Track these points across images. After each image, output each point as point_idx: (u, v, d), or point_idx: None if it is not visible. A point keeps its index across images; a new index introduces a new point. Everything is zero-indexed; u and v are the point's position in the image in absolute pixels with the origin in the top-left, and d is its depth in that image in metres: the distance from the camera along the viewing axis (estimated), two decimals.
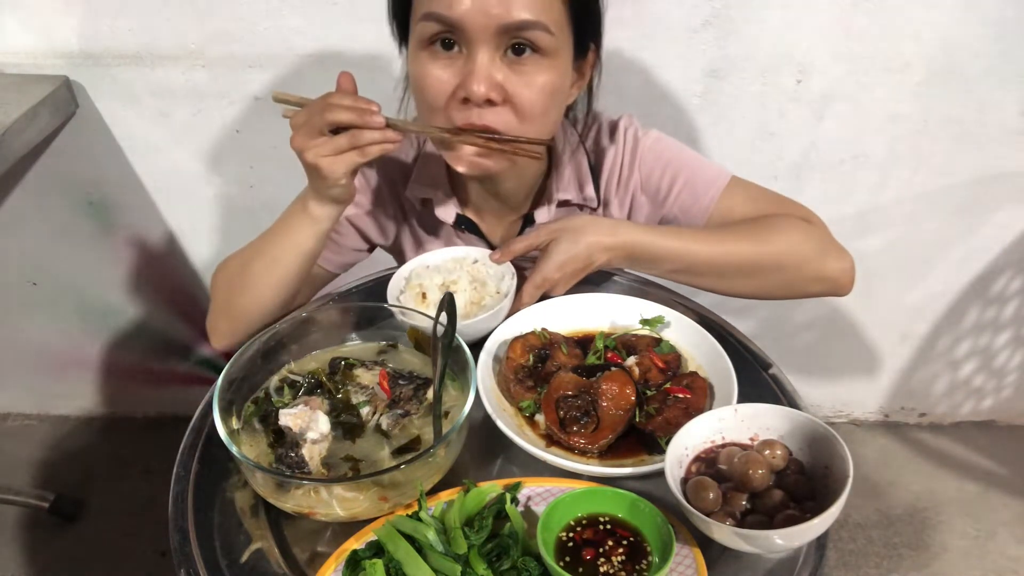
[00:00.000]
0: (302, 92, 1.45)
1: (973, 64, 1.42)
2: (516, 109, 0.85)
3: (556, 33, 0.82)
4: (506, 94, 0.83)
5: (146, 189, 1.63)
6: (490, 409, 0.80)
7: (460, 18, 0.79)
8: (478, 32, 0.80)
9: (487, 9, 0.78)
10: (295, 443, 0.74)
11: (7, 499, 1.82)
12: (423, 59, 0.85)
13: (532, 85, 0.84)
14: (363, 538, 0.71)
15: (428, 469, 0.72)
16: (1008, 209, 1.64)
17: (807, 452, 0.73)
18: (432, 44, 0.83)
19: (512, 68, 0.83)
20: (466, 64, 0.82)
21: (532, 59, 0.83)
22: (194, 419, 0.86)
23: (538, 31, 0.80)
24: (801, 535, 0.65)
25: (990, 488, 1.91)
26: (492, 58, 0.82)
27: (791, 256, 0.95)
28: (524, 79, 0.83)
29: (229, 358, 0.79)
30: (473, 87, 0.81)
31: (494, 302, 0.96)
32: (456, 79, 0.83)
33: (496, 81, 0.82)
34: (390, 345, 0.91)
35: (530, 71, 0.83)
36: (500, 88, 0.83)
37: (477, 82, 0.81)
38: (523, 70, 0.83)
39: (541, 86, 0.84)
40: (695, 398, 0.83)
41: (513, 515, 0.70)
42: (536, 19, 0.80)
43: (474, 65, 0.81)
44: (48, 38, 1.42)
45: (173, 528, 0.74)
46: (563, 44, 0.84)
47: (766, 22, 1.38)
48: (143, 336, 1.92)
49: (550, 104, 0.87)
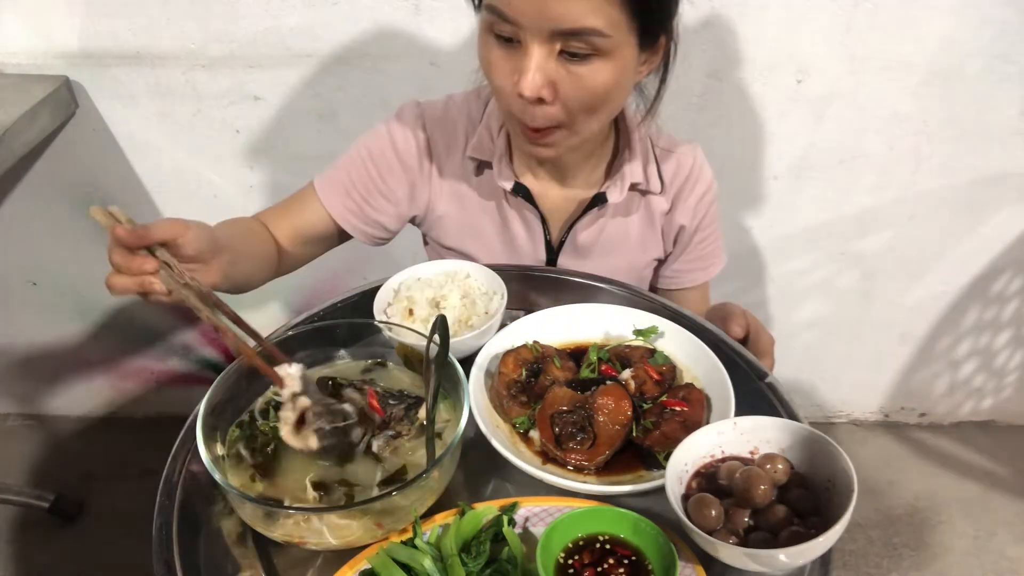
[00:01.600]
0: (301, 92, 1.47)
1: (973, 64, 1.42)
2: (568, 108, 0.86)
3: (612, 34, 0.81)
4: (559, 93, 0.84)
5: (146, 189, 1.63)
6: (484, 427, 0.79)
7: (516, 18, 0.80)
8: (533, 33, 0.80)
9: (541, 14, 0.78)
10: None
11: (7, 499, 1.81)
12: (488, 42, 0.85)
13: (585, 86, 0.84)
14: (356, 566, 0.69)
15: (422, 493, 0.70)
16: (1008, 209, 1.64)
17: (809, 465, 0.72)
18: (494, 31, 0.84)
19: (566, 67, 0.83)
20: (522, 59, 0.82)
21: (587, 60, 0.83)
22: (176, 444, 0.82)
23: (592, 36, 0.80)
24: (808, 553, 0.64)
25: (990, 488, 1.91)
26: (547, 57, 0.82)
27: None
28: (578, 80, 0.83)
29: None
30: (525, 88, 0.82)
31: (481, 322, 0.94)
32: (514, 68, 0.84)
33: (549, 79, 0.83)
34: (378, 363, 0.88)
35: (584, 72, 0.83)
36: (552, 87, 0.83)
37: (528, 83, 0.82)
38: (577, 71, 0.83)
39: (594, 87, 0.84)
40: (692, 411, 0.82)
41: (511, 538, 0.68)
42: (590, 26, 0.79)
43: (528, 63, 0.82)
44: (48, 38, 1.42)
45: (157, 560, 0.71)
46: (623, 41, 0.83)
47: (766, 22, 1.38)
48: (143, 336, 1.92)
49: (604, 101, 0.88)
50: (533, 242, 1.10)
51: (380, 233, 1.11)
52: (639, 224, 1.11)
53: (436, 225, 1.12)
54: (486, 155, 1.04)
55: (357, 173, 1.06)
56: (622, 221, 1.09)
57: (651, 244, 1.13)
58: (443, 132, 1.06)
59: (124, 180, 1.61)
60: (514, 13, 0.79)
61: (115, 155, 1.57)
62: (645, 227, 1.11)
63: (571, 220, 1.08)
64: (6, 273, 1.79)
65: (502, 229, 1.10)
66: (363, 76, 1.45)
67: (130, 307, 1.85)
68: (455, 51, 1.41)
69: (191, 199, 1.64)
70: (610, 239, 1.10)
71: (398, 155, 1.06)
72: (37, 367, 1.98)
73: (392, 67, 1.43)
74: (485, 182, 1.07)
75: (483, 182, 1.07)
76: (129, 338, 1.92)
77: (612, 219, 1.09)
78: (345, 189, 1.06)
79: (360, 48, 1.41)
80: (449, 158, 1.07)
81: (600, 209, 1.06)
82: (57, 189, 1.62)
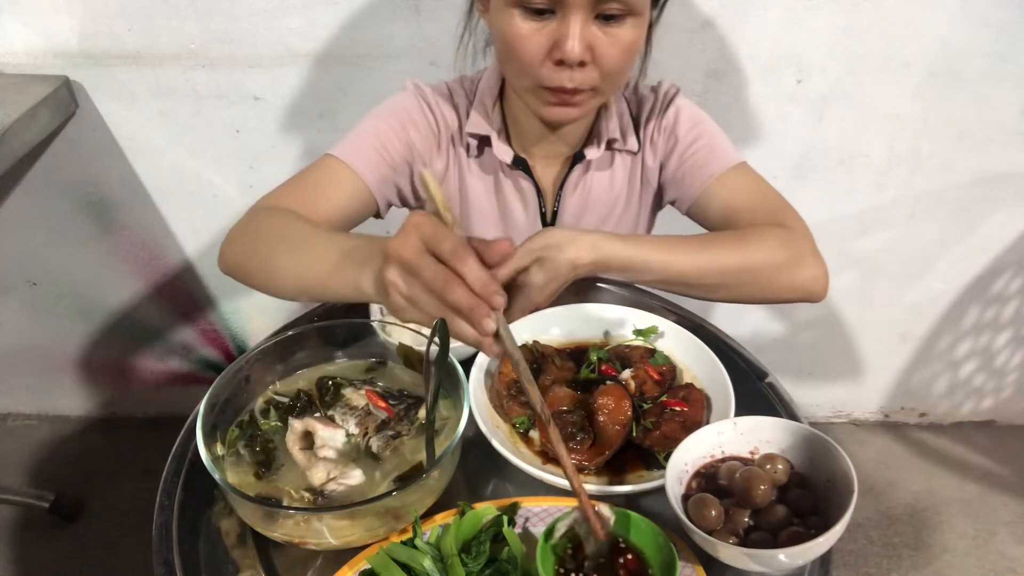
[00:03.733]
0: (301, 92, 1.47)
1: (973, 64, 1.42)
2: (602, 68, 0.89)
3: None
4: (595, 54, 0.87)
5: (146, 189, 1.63)
6: (484, 427, 0.79)
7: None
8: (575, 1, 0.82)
9: None
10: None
11: (7, 499, 1.82)
12: (515, 18, 0.86)
13: (619, 45, 0.87)
14: (356, 566, 0.69)
15: (422, 493, 0.70)
16: (1008, 209, 1.64)
17: (809, 465, 0.72)
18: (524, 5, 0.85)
19: (603, 29, 0.86)
20: (560, 27, 0.85)
21: (622, 20, 0.86)
22: (176, 444, 0.82)
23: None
24: (808, 553, 0.64)
25: (990, 488, 1.91)
26: (586, 21, 0.84)
27: (766, 267, 0.95)
28: (613, 40, 0.87)
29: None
30: (570, 51, 0.84)
31: None
32: (549, 40, 0.86)
33: (589, 43, 0.85)
34: (379, 362, 0.88)
35: (619, 32, 0.86)
36: (591, 50, 0.86)
37: (573, 46, 0.84)
38: (613, 32, 0.86)
39: (627, 46, 0.88)
40: (692, 411, 0.82)
41: (511, 538, 0.68)
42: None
43: (571, 29, 0.84)
44: (48, 38, 1.42)
45: (157, 560, 0.71)
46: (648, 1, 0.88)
47: (766, 22, 1.38)
48: (143, 336, 1.92)
49: (632, 60, 0.92)
50: (528, 215, 1.11)
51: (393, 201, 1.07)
52: (622, 182, 1.12)
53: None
54: (484, 130, 1.05)
55: (386, 138, 1.01)
56: (606, 179, 1.10)
57: (639, 200, 1.14)
58: (447, 110, 1.08)
59: (124, 180, 1.61)
60: None
61: (115, 155, 1.57)
62: (629, 184, 1.12)
63: (558, 185, 1.09)
64: (6, 273, 1.79)
65: (499, 204, 1.11)
66: (363, 76, 1.45)
67: (130, 307, 1.85)
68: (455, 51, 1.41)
69: (191, 199, 1.63)
70: (599, 201, 1.11)
71: (417, 123, 1.04)
72: (37, 367, 1.98)
73: (392, 67, 1.43)
74: (482, 159, 1.09)
75: (480, 160, 1.09)
76: (129, 338, 1.92)
77: (596, 174, 1.09)
78: (379, 155, 1.00)
79: (360, 48, 1.41)
80: (451, 136, 1.09)
81: (581, 165, 1.07)
82: (57, 189, 1.62)
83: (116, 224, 1.69)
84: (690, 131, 1.07)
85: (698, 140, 1.06)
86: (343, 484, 0.73)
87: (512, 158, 1.06)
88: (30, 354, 1.95)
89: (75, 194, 1.64)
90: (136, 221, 1.68)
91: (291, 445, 0.76)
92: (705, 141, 1.06)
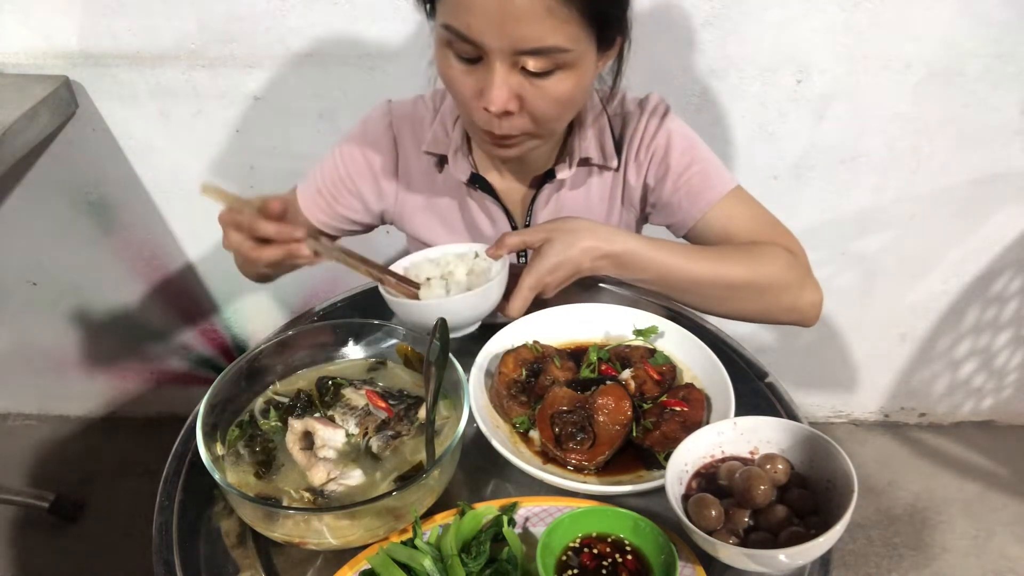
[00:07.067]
0: (301, 92, 1.47)
1: (973, 64, 1.42)
2: (534, 116, 0.86)
3: (574, 48, 0.81)
4: (524, 103, 0.84)
5: (146, 189, 1.63)
6: (484, 427, 0.79)
7: (477, 39, 0.79)
8: (495, 52, 0.80)
9: (503, 36, 0.78)
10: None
11: (7, 499, 1.82)
12: (447, 57, 0.85)
13: (550, 97, 0.85)
14: (357, 566, 0.69)
15: (422, 493, 0.70)
16: (1008, 209, 1.64)
17: (809, 465, 0.72)
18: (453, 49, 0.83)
19: (530, 81, 0.83)
20: (486, 75, 0.82)
21: (550, 74, 0.83)
22: (176, 444, 0.82)
23: (554, 53, 0.80)
24: (808, 553, 0.64)
25: (990, 488, 1.91)
26: (510, 71, 0.82)
27: (773, 285, 0.96)
28: (543, 92, 0.84)
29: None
30: (490, 102, 0.82)
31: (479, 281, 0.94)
32: (478, 85, 0.84)
33: (514, 92, 0.83)
34: (379, 362, 0.88)
35: (548, 84, 0.83)
36: (517, 99, 0.84)
37: (494, 97, 0.82)
38: (541, 84, 0.83)
39: (559, 97, 0.85)
40: (692, 411, 0.82)
41: (511, 539, 0.68)
42: (551, 44, 0.79)
43: (495, 79, 0.81)
44: (48, 38, 1.42)
45: (157, 560, 0.71)
46: (583, 51, 0.83)
47: (766, 22, 1.38)
48: (143, 336, 1.92)
49: (569, 107, 0.89)
50: (496, 232, 1.10)
51: (349, 227, 1.14)
52: (599, 200, 1.10)
53: (408, 220, 1.13)
54: (441, 149, 1.05)
55: (328, 173, 1.09)
56: (580, 197, 1.09)
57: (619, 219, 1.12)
58: (411, 129, 1.08)
59: (124, 180, 1.61)
60: (475, 35, 0.79)
61: (115, 155, 1.57)
62: (609, 202, 1.10)
63: (528, 203, 1.08)
64: (6, 273, 1.79)
65: (464, 220, 1.11)
66: (363, 76, 1.45)
67: (130, 307, 1.85)
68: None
69: (191, 199, 1.63)
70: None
71: (364, 154, 1.08)
72: (37, 367, 1.98)
73: (392, 67, 1.43)
74: (448, 176, 1.08)
75: (447, 177, 1.08)
76: (129, 338, 1.92)
77: (569, 193, 1.08)
78: (317, 188, 1.10)
79: (360, 48, 1.41)
80: (417, 154, 1.08)
81: (551, 184, 1.06)
82: (57, 189, 1.62)
83: (116, 224, 1.69)
84: (683, 156, 1.04)
85: (692, 166, 1.04)
86: (343, 484, 0.73)
87: (469, 176, 1.05)
88: (30, 354, 1.95)
89: (75, 194, 1.64)
90: (136, 221, 1.68)
91: (291, 445, 0.76)
92: (699, 167, 1.04)
